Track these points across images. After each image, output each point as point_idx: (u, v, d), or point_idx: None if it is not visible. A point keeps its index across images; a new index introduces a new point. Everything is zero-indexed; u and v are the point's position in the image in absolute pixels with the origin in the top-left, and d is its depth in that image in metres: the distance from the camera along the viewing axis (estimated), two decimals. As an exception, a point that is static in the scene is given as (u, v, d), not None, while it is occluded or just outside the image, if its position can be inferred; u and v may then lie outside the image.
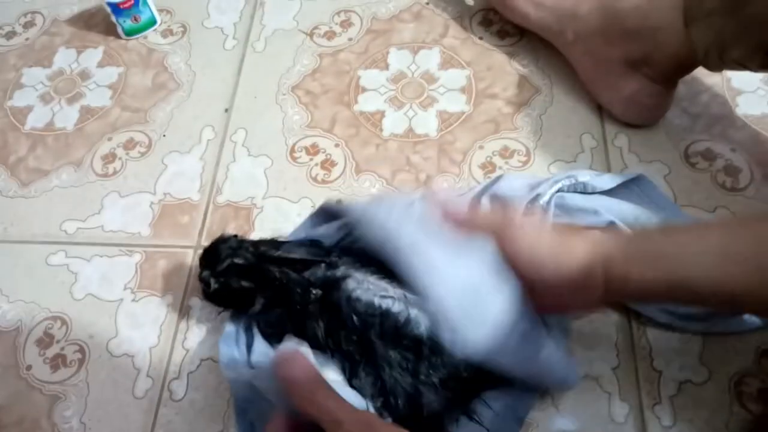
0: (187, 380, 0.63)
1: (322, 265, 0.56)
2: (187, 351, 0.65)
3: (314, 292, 0.55)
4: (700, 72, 0.69)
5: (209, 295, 0.60)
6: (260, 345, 0.58)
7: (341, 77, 0.84)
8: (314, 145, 0.78)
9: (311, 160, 0.77)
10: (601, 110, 0.77)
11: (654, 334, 0.62)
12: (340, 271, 0.55)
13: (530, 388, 0.57)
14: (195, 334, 0.66)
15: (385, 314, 0.53)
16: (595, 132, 0.75)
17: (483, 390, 0.56)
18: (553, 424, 0.58)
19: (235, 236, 0.62)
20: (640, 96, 0.71)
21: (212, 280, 0.59)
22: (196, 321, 0.67)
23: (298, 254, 0.56)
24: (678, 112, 0.75)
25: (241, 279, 0.58)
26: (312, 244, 0.59)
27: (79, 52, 0.92)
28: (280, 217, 0.73)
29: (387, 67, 0.84)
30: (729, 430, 0.56)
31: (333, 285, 0.54)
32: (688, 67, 0.69)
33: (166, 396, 0.63)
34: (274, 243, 0.59)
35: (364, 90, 0.82)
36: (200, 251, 0.70)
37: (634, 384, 0.60)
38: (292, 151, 0.78)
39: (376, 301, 0.53)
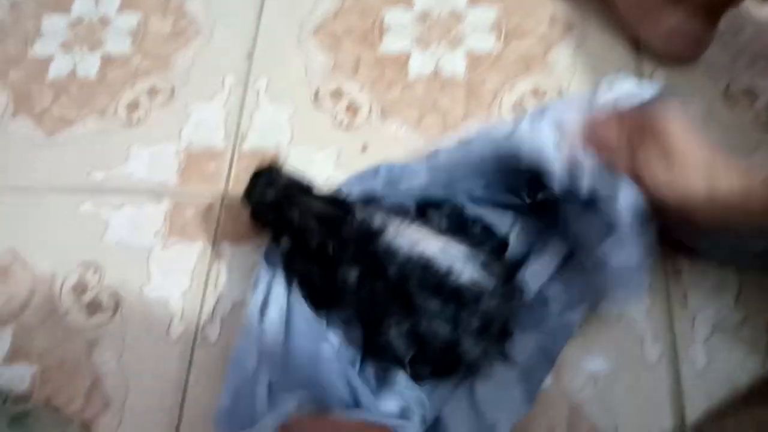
0: (220, 323, 0.64)
1: (358, 214, 0.55)
2: (219, 295, 0.66)
3: (332, 245, 0.55)
4: (744, 5, 0.66)
5: (250, 217, 0.62)
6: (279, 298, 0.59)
7: (365, 17, 0.82)
8: (338, 90, 0.77)
9: (335, 105, 0.76)
10: (637, 47, 0.74)
11: (689, 276, 0.61)
12: (378, 222, 0.54)
13: (564, 326, 0.57)
14: (226, 278, 0.67)
15: (426, 265, 0.52)
16: (630, 70, 0.73)
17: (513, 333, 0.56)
18: (586, 365, 0.58)
19: (274, 169, 0.61)
20: (681, 30, 0.68)
21: (250, 205, 0.61)
22: (226, 266, 0.67)
23: (315, 208, 0.55)
24: (718, 48, 0.72)
25: (270, 214, 0.59)
26: (334, 201, 0.58)
27: (97, -1, 0.90)
28: (306, 165, 0.72)
29: (412, 5, 0.81)
30: (765, 372, 0.56)
31: (370, 235, 0.54)
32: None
33: (200, 339, 0.64)
34: (303, 188, 0.58)
35: (388, 30, 0.80)
36: (227, 200, 0.71)
37: (668, 325, 0.59)
38: (316, 96, 0.77)
39: (416, 251, 0.53)
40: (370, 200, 0.59)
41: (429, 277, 0.52)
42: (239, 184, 0.71)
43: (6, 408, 0.59)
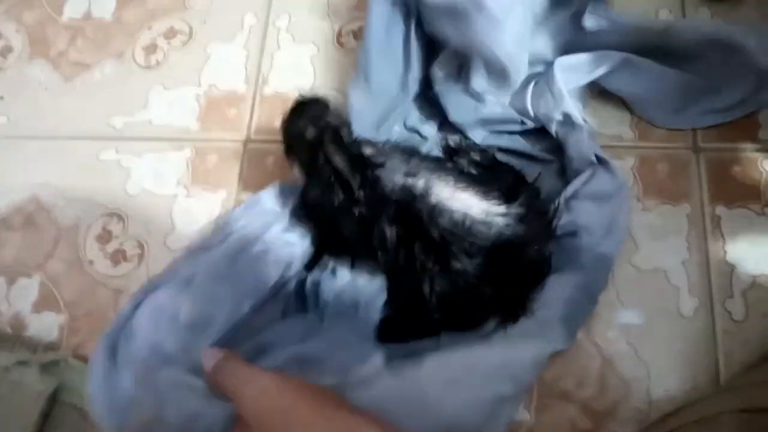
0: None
1: (402, 170, 0.53)
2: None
3: (356, 210, 0.53)
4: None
5: (283, 142, 0.59)
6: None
7: (390, -49, 0.77)
8: (362, 29, 0.73)
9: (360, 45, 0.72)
10: (681, -21, 0.69)
11: (728, 224, 0.58)
12: (421, 183, 0.52)
13: (601, 261, 0.55)
14: (250, 228, 0.65)
15: (466, 227, 0.50)
16: (673, 5, 0.68)
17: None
18: (619, 318, 0.57)
19: (320, 104, 0.58)
20: None
21: (286, 132, 0.58)
22: (250, 216, 0.66)
23: (337, 163, 0.53)
24: (770, -22, 0.67)
25: (302, 153, 0.57)
26: (359, 160, 0.55)
27: (109, -67, 0.86)
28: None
29: (440, -63, 0.76)
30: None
31: (413, 197, 0.52)
32: None
33: (226, 289, 0.63)
34: (335, 136, 0.55)
35: (415, -35, 0.76)
36: (250, 145, 0.69)
37: (705, 277, 0.57)
38: (339, 36, 0.74)
39: (460, 216, 0.51)
40: (407, 150, 0.57)
41: (470, 239, 0.50)
42: (262, 130, 0.70)
43: (37, 356, 0.59)
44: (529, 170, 0.61)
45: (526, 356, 0.51)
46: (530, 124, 0.62)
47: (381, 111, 0.64)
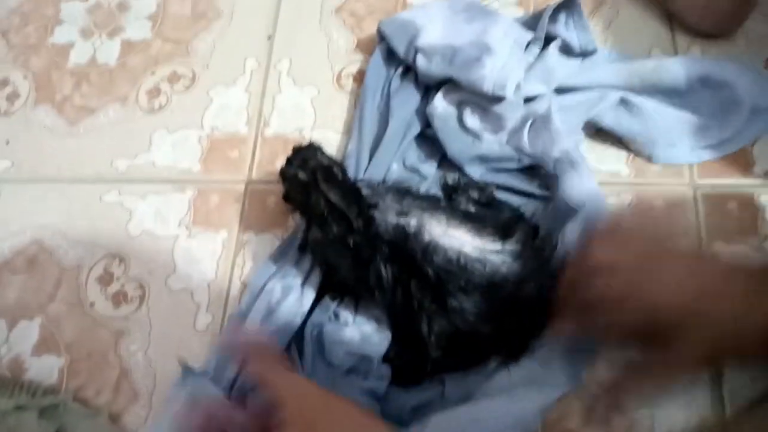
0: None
1: (395, 210, 0.54)
2: (245, 285, 0.65)
3: (352, 240, 0.53)
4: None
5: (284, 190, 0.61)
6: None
7: (387, -4, 0.79)
8: (361, 71, 0.75)
9: (359, 87, 0.74)
10: (671, 20, 0.70)
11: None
12: (414, 222, 0.53)
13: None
14: (252, 267, 0.66)
15: (462, 265, 0.51)
16: (665, 45, 0.69)
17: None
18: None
19: (312, 148, 0.59)
20: (718, 3, 0.65)
21: (284, 178, 0.59)
22: (252, 255, 0.66)
23: (333, 197, 0.54)
24: (758, 18, 0.68)
25: (299, 195, 0.57)
26: (353, 192, 0.56)
27: (115, -17, 0.89)
28: (329, 149, 0.70)
29: (436, -17, 0.79)
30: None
31: (406, 235, 0.52)
32: None
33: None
34: (328, 173, 0.56)
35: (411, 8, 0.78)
36: (252, 186, 0.70)
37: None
38: (339, 78, 0.75)
39: (452, 251, 0.51)
40: (400, 190, 0.57)
41: (465, 276, 0.51)
42: (263, 171, 0.71)
43: (36, 401, 0.59)
44: (528, 208, 0.62)
45: (532, 405, 0.51)
46: (527, 162, 0.63)
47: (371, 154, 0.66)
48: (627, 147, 0.65)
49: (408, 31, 0.68)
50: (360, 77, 0.74)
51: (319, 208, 0.55)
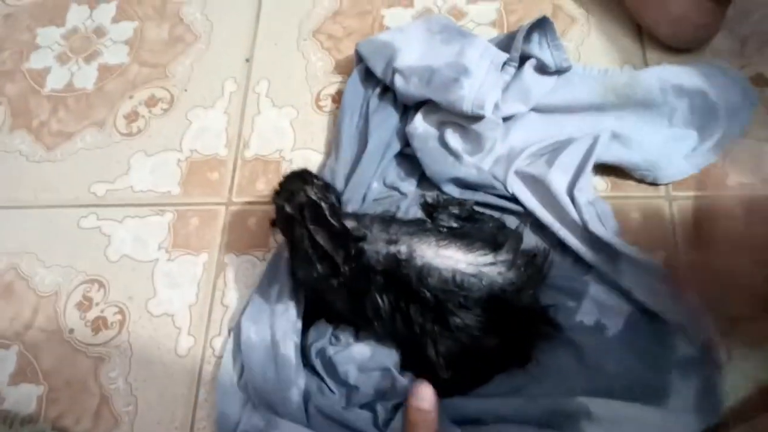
0: (229, 336, 0.63)
1: (384, 239, 0.54)
2: (227, 307, 0.64)
3: (336, 282, 0.54)
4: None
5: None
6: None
7: (364, 18, 0.80)
8: (339, 92, 0.75)
9: (338, 107, 0.74)
10: (641, 37, 0.72)
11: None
12: (404, 248, 0.53)
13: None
14: (233, 290, 0.65)
15: (458, 283, 0.51)
16: (636, 61, 0.71)
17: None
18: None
19: (307, 179, 0.59)
20: (690, 15, 0.67)
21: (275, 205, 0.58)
22: (233, 277, 0.66)
23: (320, 239, 0.54)
24: (725, 34, 0.70)
25: (284, 228, 0.57)
26: (339, 234, 0.55)
27: (91, 8, 0.89)
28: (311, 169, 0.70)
29: (412, 3, 0.80)
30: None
31: (398, 263, 0.53)
32: None
33: (209, 353, 0.63)
34: (315, 212, 0.56)
35: (389, 29, 0.79)
36: (232, 207, 0.70)
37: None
38: (318, 99, 0.76)
39: (445, 271, 0.52)
40: (386, 218, 0.58)
41: (464, 293, 0.51)
42: (243, 192, 0.71)
43: (14, 430, 0.58)
44: (507, 221, 0.63)
45: None
46: (505, 193, 0.64)
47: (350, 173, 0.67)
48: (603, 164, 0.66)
49: (385, 52, 0.69)
50: (339, 98, 0.74)
51: (303, 245, 0.54)
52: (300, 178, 0.59)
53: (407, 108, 0.69)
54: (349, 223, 0.56)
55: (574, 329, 0.55)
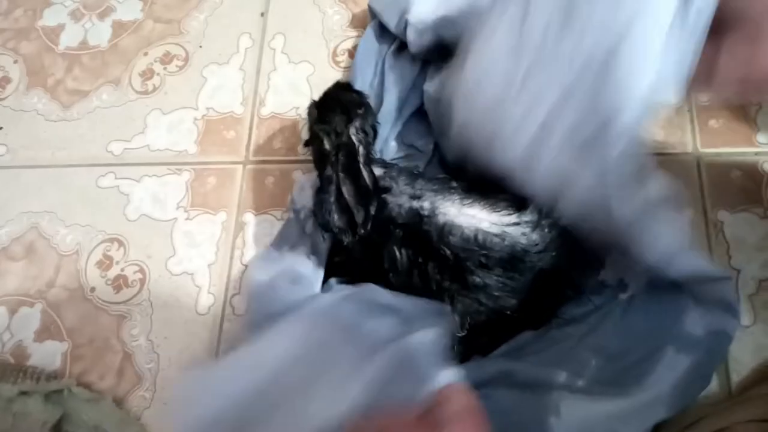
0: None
1: (408, 193, 0.53)
2: (246, 266, 0.64)
3: (347, 240, 0.53)
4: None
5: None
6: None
7: (382, -31, 0.78)
8: (357, 47, 0.73)
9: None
10: None
11: (731, 229, 0.58)
12: (428, 204, 0.52)
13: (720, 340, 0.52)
14: (252, 249, 0.65)
15: (480, 242, 0.50)
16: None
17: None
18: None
19: (353, 109, 0.57)
20: None
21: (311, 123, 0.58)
22: (252, 236, 0.66)
23: (345, 191, 0.53)
24: None
25: (317, 157, 0.56)
26: (365, 191, 0.54)
27: (104, -37, 0.87)
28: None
29: (431, -46, 0.77)
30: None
31: (421, 218, 0.52)
32: None
33: (229, 311, 0.63)
34: (351, 156, 0.54)
35: (407, -18, 0.76)
36: (249, 166, 0.69)
37: (711, 283, 0.57)
38: (334, 54, 0.74)
39: (468, 229, 0.51)
40: (412, 172, 0.57)
41: (485, 253, 0.50)
42: (260, 151, 0.70)
43: (40, 386, 0.59)
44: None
45: None
46: None
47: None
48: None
49: (399, 4, 0.67)
50: (356, 53, 0.72)
51: (329, 189, 0.54)
52: (344, 110, 0.57)
53: (426, 64, 0.67)
54: (377, 170, 0.55)
55: (593, 291, 0.54)
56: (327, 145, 0.55)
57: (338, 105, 0.57)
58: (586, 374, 0.51)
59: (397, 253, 0.52)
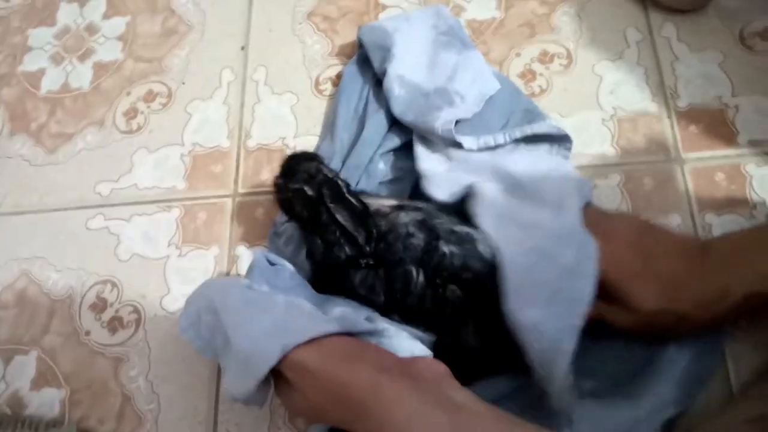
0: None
1: (412, 217, 0.54)
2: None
3: (363, 262, 0.53)
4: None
5: (279, 201, 0.58)
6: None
7: (359, -3, 0.79)
8: (339, 76, 0.74)
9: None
10: (644, 0, 0.71)
11: (721, 233, 0.59)
12: (437, 225, 0.53)
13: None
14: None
15: (491, 265, 0.51)
16: (639, 24, 0.70)
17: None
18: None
19: (317, 162, 0.58)
20: None
21: (282, 190, 0.57)
22: (245, 269, 0.65)
23: (342, 219, 0.53)
24: (728, -9, 0.69)
25: (304, 209, 0.56)
26: (363, 215, 0.55)
27: (81, 6, 0.88)
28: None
29: (406, -20, 0.79)
30: None
31: (436, 246, 0.52)
32: None
33: (227, 347, 0.62)
34: (335, 191, 0.55)
35: (385, 7, 0.77)
36: (239, 199, 0.69)
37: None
38: (317, 83, 0.75)
39: (479, 254, 0.51)
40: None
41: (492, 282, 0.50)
42: (249, 183, 0.70)
43: (39, 435, 0.58)
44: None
45: None
46: None
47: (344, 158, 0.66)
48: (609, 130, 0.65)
49: (384, 45, 0.67)
50: (339, 81, 0.73)
51: (331, 228, 0.54)
52: (308, 158, 0.58)
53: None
54: (392, 201, 0.56)
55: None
56: (309, 191, 0.55)
57: (301, 158, 0.58)
58: (596, 382, 0.51)
59: (414, 272, 0.52)
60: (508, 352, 0.51)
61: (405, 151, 0.66)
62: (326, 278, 0.57)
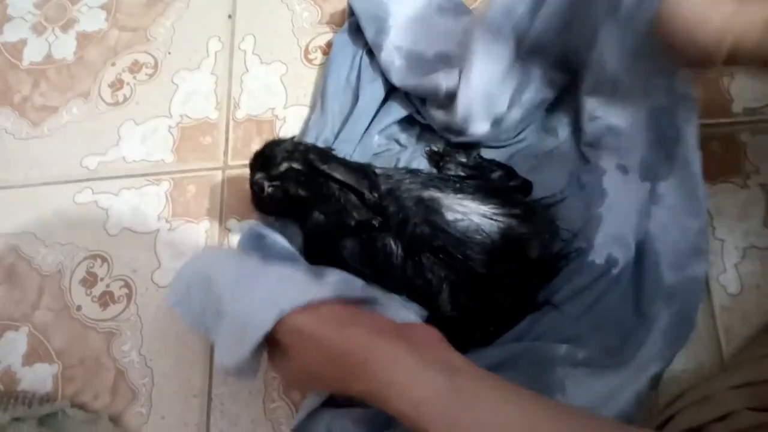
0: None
1: (401, 187, 0.54)
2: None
3: (376, 222, 0.53)
4: None
5: (262, 202, 0.56)
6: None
7: (348, -37, 0.77)
8: (329, 44, 0.73)
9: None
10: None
11: (714, 202, 0.59)
12: (421, 196, 0.53)
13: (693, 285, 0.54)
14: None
15: (474, 235, 0.51)
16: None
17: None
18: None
19: (292, 138, 0.58)
20: None
21: (266, 184, 0.55)
22: (236, 242, 0.65)
23: (341, 176, 0.53)
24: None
25: (299, 186, 0.55)
26: (359, 167, 0.55)
27: (62, -27, 0.85)
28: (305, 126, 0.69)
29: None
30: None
31: (412, 211, 0.52)
32: None
33: (220, 320, 0.62)
34: (322, 154, 0.55)
35: (375, -26, 0.75)
36: (229, 171, 0.68)
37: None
38: (306, 52, 0.73)
39: (463, 224, 0.51)
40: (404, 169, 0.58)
41: (474, 243, 0.50)
42: (239, 155, 0.69)
43: (32, 411, 0.58)
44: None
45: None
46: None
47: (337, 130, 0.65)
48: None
49: (379, 13, 0.66)
50: (329, 49, 0.72)
51: (328, 189, 0.53)
52: (277, 142, 0.57)
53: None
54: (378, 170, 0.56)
55: (583, 272, 0.55)
56: (297, 166, 0.54)
57: (271, 145, 0.57)
58: (587, 349, 0.52)
59: (393, 246, 0.52)
60: (484, 320, 0.52)
61: (400, 121, 0.66)
62: (319, 250, 0.57)
